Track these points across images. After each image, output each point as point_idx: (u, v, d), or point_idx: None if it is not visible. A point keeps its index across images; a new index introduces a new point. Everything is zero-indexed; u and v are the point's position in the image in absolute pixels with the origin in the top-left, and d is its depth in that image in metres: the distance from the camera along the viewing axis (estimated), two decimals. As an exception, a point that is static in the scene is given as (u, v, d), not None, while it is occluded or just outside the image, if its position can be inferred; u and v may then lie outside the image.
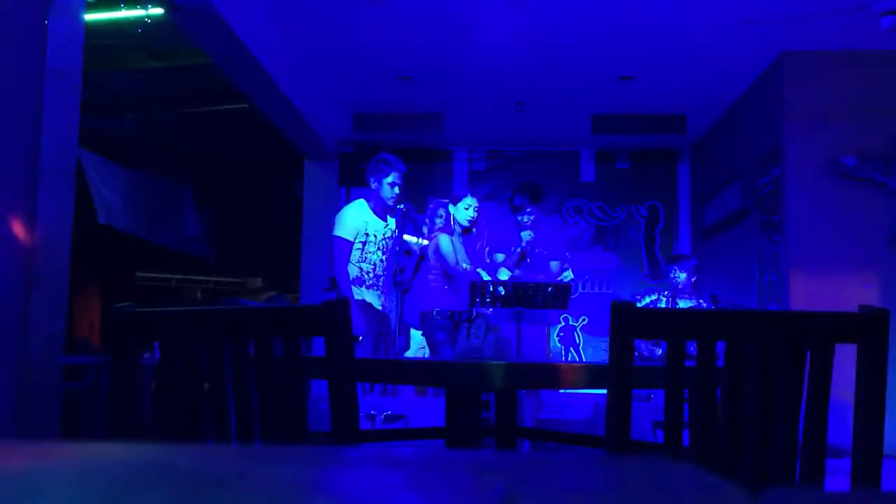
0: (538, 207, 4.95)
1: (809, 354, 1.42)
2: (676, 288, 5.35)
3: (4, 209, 2.48)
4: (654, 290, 5.75)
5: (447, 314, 4.75)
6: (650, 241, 7.86)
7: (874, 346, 1.41)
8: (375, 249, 4.58)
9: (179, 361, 1.54)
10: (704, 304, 5.29)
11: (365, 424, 4.66)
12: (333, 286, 4.86)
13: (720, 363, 1.43)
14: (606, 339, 1.43)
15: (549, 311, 4.73)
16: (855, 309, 1.46)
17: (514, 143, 7.84)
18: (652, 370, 1.89)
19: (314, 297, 7.00)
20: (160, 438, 1.63)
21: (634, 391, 1.69)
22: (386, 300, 4.63)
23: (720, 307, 5.13)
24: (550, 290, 4.40)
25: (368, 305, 4.53)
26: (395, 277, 4.54)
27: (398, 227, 4.62)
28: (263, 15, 5.14)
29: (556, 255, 5.06)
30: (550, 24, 5.20)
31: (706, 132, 7.31)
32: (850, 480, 1.41)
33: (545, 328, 5.05)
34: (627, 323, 1.42)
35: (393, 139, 7.19)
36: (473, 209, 4.87)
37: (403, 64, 6.03)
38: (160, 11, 4.84)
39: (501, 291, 4.35)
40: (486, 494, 0.30)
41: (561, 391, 5.80)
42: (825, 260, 5.27)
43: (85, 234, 6.06)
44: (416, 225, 5.05)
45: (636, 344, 3.74)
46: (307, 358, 2.09)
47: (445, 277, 4.86)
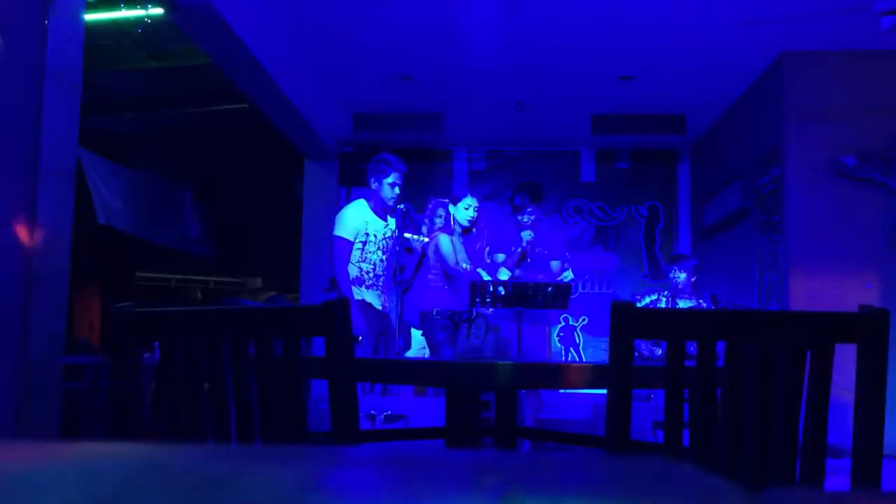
0: (538, 207, 4.95)
1: (809, 354, 1.42)
2: (676, 288, 5.35)
3: (4, 209, 2.48)
4: (654, 290, 5.75)
5: (447, 314, 4.75)
6: (650, 241, 7.86)
7: (874, 346, 1.41)
8: (375, 249, 4.58)
9: (179, 361, 1.54)
10: (704, 304, 5.30)
11: (365, 424, 4.66)
12: (333, 286, 4.86)
13: (720, 363, 1.43)
14: (606, 339, 1.43)
15: (549, 311, 4.73)
16: (855, 309, 1.46)
17: (514, 143, 7.85)
18: (652, 370, 1.89)
19: (314, 297, 7.00)
20: (160, 438, 1.63)
21: (634, 391, 1.69)
22: (386, 300, 4.64)
23: (720, 307, 5.13)
24: (550, 290, 4.40)
25: (368, 305, 4.53)
26: (395, 277, 4.54)
27: (398, 227, 4.62)
28: (263, 15, 5.14)
29: (556, 254, 5.06)
30: (550, 24, 5.20)
31: (706, 132, 7.31)
32: (850, 480, 1.41)
33: (546, 328, 5.04)
34: (627, 323, 1.42)
35: (393, 139, 7.20)
36: (473, 209, 4.87)
37: (403, 64, 6.03)
38: (160, 11, 4.84)
39: (501, 291, 4.35)
40: (485, 494, 0.30)
41: (561, 391, 5.80)
42: (825, 260, 5.28)
43: (85, 234, 6.06)
44: (416, 225, 5.05)
45: (636, 344, 3.74)
46: (307, 358, 2.09)
47: (445, 277, 4.86)
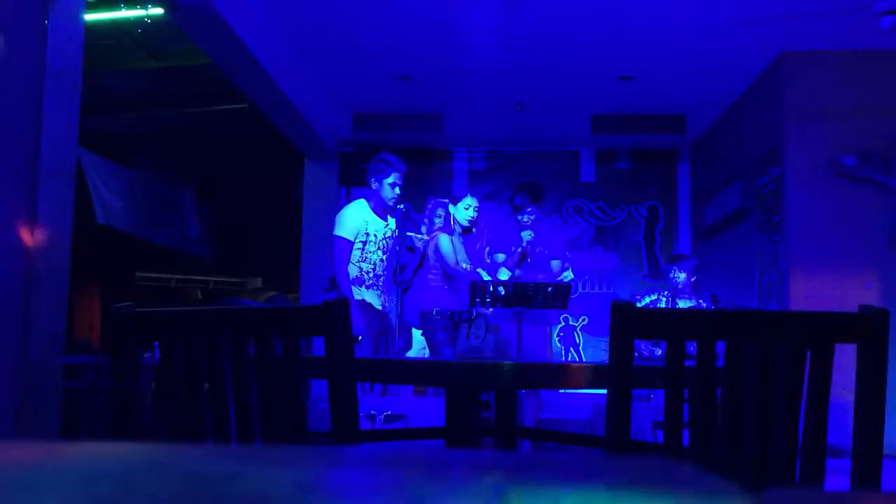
0: (538, 207, 4.95)
1: (809, 354, 1.42)
2: (676, 288, 5.35)
3: (4, 209, 2.48)
4: (653, 290, 5.75)
5: (447, 314, 4.75)
6: (650, 241, 7.86)
7: (874, 346, 1.41)
8: (376, 249, 4.58)
9: (179, 361, 1.54)
10: (704, 304, 5.29)
11: (365, 424, 4.66)
12: (333, 286, 4.86)
13: (720, 363, 1.43)
14: (606, 339, 1.43)
15: (549, 310, 4.73)
16: (855, 309, 1.46)
17: (514, 143, 7.84)
18: (652, 370, 1.89)
19: (314, 297, 7.00)
20: (160, 438, 1.63)
21: (634, 391, 1.69)
22: (386, 300, 4.64)
23: (720, 307, 5.13)
24: (550, 289, 4.40)
25: (368, 305, 4.53)
26: (395, 276, 4.54)
27: (398, 226, 4.62)
28: (263, 15, 5.14)
29: (556, 254, 5.06)
30: (550, 24, 5.20)
31: (706, 132, 7.31)
32: (850, 480, 1.41)
33: (546, 328, 5.04)
34: (627, 323, 1.42)
35: (393, 139, 7.20)
36: (473, 209, 4.87)
37: (403, 64, 6.03)
38: (160, 11, 4.84)
39: (501, 291, 4.35)
40: (485, 494, 0.30)
41: (561, 391, 5.80)
42: (825, 260, 5.27)
43: (85, 234, 6.06)
44: (415, 225, 5.05)
45: (636, 344, 3.74)
46: (307, 358, 2.09)
47: (445, 277, 4.86)
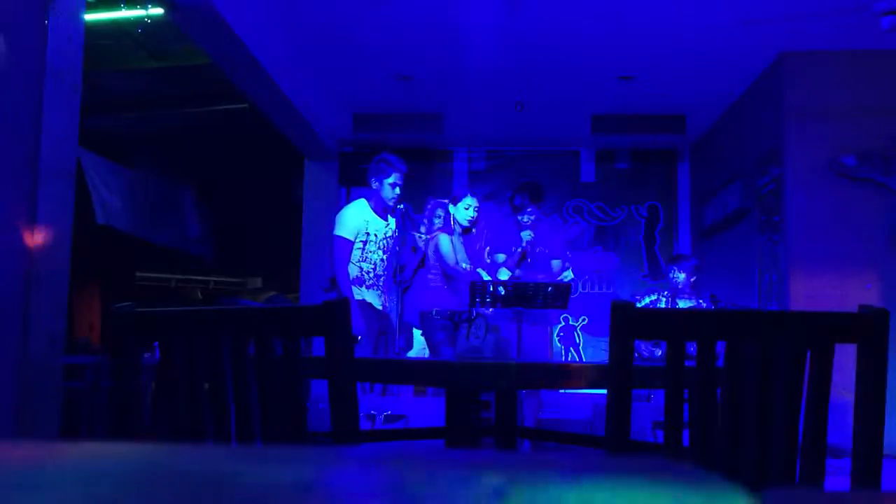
0: (538, 207, 4.94)
1: (809, 354, 1.42)
2: (676, 288, 5.34)
3: (4, 209, 2.48)
4: (653, 290, 5.75)
5: (447, 314, 4.74)
6: (650, 241, 7.86)
7: (874, 346, 1.41)
8: (376, 249, 4.58)
9: (179, 361, 1.54)
10: (704, 304, 5.29)
11: (365, 424, 4.66)
12: (333, 286, 4.86)
13: (720, 363, 1.43)
14: (606, 339, 1.43)
15: (549, 310, 4.72)
16: (855, 309, 1.46)
17: (514, 143, 7.84)
18: (652, 370, 1.89)
19: (314, 297, 7.00)
20: (160, 438, 1.63)
21: (634, 391, 1.69)
22: (386, 300, 4.64)
23: (720, 307, 5.13)
24: (550, 289, 4.40)
25: (368, 305, 4.53)
26: (395, 276, 4.54)
27: (398, 226, 4.62)
28: (263, 15, 5.14)
29: (556, 254, 5.06)
30: (550, 24, 5.20)
31: (706, 132, 7.31)
32: (850, 480, 1.41)
33: (547, 328, 5.04)
34: (627, 323, 1.42)
35: (393, 139, 7.20)
36: (473, 209, 4.87)
37: (403, 64, 6.03)
38: (160, 11, 4.84)
39: (501, 291, 4.35)
40: (485, 494, 0.30)
41: (561, 391, 5.80)
42: (825, 260, 5.27)
43: (85, 234, 6.06)
44: (415, 225, 5.05)
45: (636, 344, 3.74)
46: (307, 358, 2.09)
47: (445, 277, 4.86)
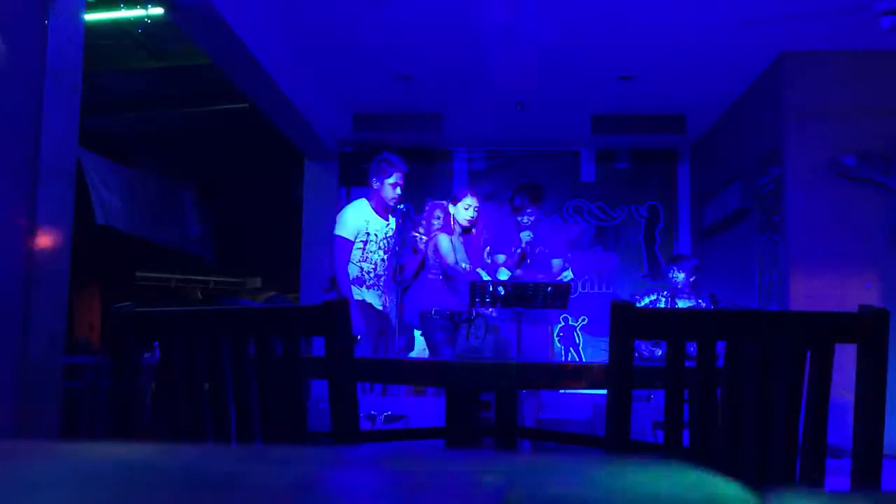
0: (538, 208, 4.94)
1: (809, 354, 1.42)
2: (676, 288, 5.34)
3: (4, 209, 2.48)
4: (653, 290, 5.75)
5: (447, 314, 4.74)
6: (650, 241, 7.86)
7: (874, 346, 1.41)
8: (377, 249, 4.58)
9: (179, 361, 1.54)
10: (703, 304, 5.29)
11: (365, 424, 4.65)
12: (333, 286, 4.86)
13: (720, 363, 1.43)
14: (606, 339, 1.43)
15: (549, 310, 4.72)
16: (855, 309, 1.46)
17: (514, 143, 7.84)
18: (652, 370, 1.89)
19: (314, 297, 7.00)
20: (160, 438, 1.63)
21: (634, 391, 1.69)
22: (387, 300, 4.63)
23: (720, 307, 5.13)
24: (550, 289, 4.40)
25: (368, 305, 4.53)
26: (395, 276, 4.54)
27: (399, 226, 4.62)
28: (263, 15, 5.14)
29: (557, 253, 5.06)
30: (550, 24, 5.19)
31: (706, 132, 7.31)
32: (850, 480, 1.41)
33: (547, 328, 5.04)
34: (627, 323, 1.42)
35: (393, 139, 7.19)
36: (473, 209, 4.87)
37: (403, 64, 6.03)
38: (160, 11, 4.84)
39: (501, 291, 4.35)
40: (485, 494, 0.30)
41: (561, 391, 5.80)
42: (825, 260, 5.27)
43: (84, 234, 6.06)
44: (415, 225, 5.05)
45: (636, 344, 3.73)
46: (307, 358, 2.09)
47: (445, 277, 4.86)
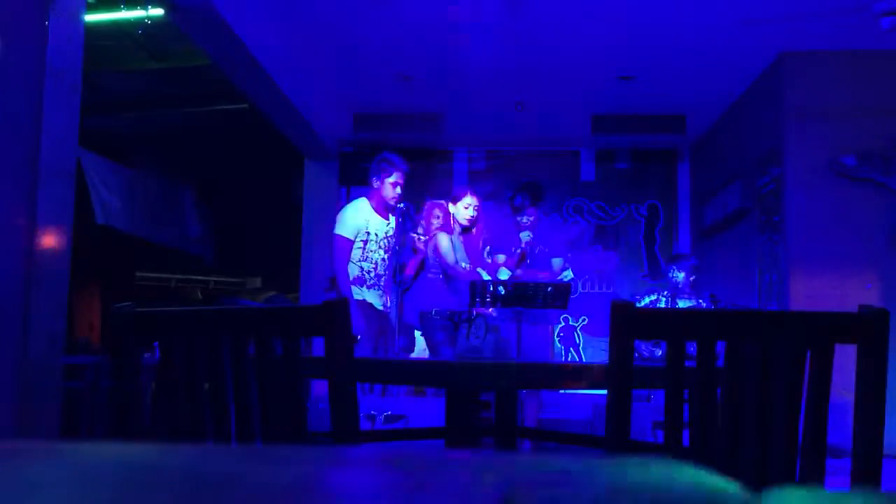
0: (538, 208, 4.94)
1: (809, 354, 1.42)
2: (676, 287, 5.34)
3: (4, 209, 2.48)
4: (653, 289, 5.74)
5: (447, 314, 4.74)
6: (650, 240, 7.86)
7: (874, 346, 1.41)
8: (377, 248, 4.58)
9: (179, 361, 1.54)
10: (704, 303, 5.29)
11: (365, 424, 4.66)
12: (333, 286, 4.87)
13: (720, 363, 1.43)
14: (606, 339, 1.43)
15: (549, 310, 4.72)
16: (855, 309, 1.46)
17: (514, 142, 7.84)
18: (652, 370, 1.89)
19: (314, 297, 7.00)
20: (160, 438, 1.63)
21: (634, 391, 1.69)
22: (387, 300, 4.63)
23: (720, 307, 5.13)
24: (550, 289, 4.40)
25: (369, 305, 4.53)
26: (395, 276, 4.54)
27: (398, 225, 4.62)
28: (263, 15, 5.14)
29: (557, 252, 5.06)
30: (550, 24, 5.19)
31: (706, 132, 7.30)
32: (850, 480, 1.41)
33: (547, 328, 5.04)
34: (627, 323, 1.42)
35: (393, 139, 7.19)
36: (473, 208, 4.87)
37: (403, 64, 6.02)
38: (160, 11, 4.84)
39: (501, 291, 4.35)
40: (485, 494, 0.30)
41: (561, 391, 5.80)
42: (825, 260, 5.27)
43: (84, 234, 6.06)
44: (415, 225, 5.05)
45: (636, 344, 3.74)
46: (307, 358, 2.09)
47: (445, 277, 4.86)
